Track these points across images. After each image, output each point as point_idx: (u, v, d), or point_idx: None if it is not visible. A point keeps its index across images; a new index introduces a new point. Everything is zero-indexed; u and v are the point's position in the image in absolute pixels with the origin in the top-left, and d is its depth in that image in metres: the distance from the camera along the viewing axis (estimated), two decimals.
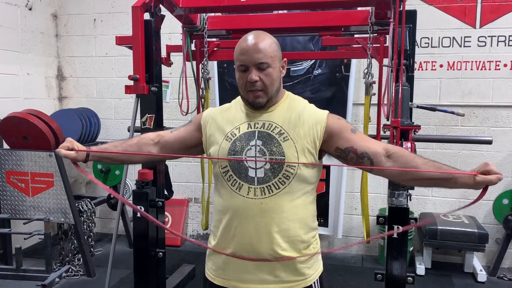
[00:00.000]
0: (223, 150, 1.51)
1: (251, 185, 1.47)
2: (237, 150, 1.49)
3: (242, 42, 1.49)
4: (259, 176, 1.47)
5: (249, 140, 1.50)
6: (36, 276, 3.42)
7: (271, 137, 1.49)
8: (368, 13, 2.71)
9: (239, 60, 1.47)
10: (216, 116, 1.61)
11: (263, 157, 1.47)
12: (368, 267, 3.86)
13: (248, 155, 1.48)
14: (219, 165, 1.52)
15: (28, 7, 4.20)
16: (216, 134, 1.56)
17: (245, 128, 1.53)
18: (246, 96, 1.51)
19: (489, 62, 3.76)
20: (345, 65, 3.81)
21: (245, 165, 1.48)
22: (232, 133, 1.53)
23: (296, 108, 1.55)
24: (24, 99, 4.15)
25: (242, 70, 1.47)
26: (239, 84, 1.51)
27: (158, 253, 2.71)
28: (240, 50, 1.47)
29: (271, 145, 1.48)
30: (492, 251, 3.82)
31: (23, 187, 3.57)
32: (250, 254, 1.47)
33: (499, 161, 3.83)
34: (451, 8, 3.76)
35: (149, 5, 2.53)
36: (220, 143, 1.53)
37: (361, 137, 1.52)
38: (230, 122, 1.56)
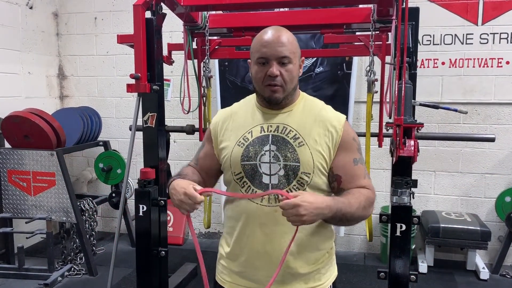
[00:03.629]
0: (236, 156, 1.45)
1: (263, 190, 1.43)
2: (251, 156, 1.44)
3: (264, 34, 1.42)
4: (273, 182, 1.42)
5: (263, 144, 1.44)
6: (38, 275, 3.42)
7: (286, 142, 1.43)
8: (370, 10, 2.70)
9: (259, 52, 1.40)
10: (226, 120, 1.55)
11: (276, 163, 1.42)
12: (370, 265, 3.86)
13: (262, 161, 1.43)
14: (232, 171, 1.47)
15: (29, 5, 4.19)
16: (227, 139, 1.50)
17: (258, 131, 1.46)
18: (262, 91, 1.43)
19: (491, 59, 3.75)
20: (347, 63, 3.79)
21: (259, 171, 1.43)
22: (244, 137, 1.47)
23: (312, 110, 1.49)
24: (25, 98, 4.14)
25: (261, 63, 1.40)
26: (256, 78, 1.43)
27: (160, 252, 2.70)
28: (262, 42, 1.40)
29: (286, 150, 1.42)
30: (495, 249, 3.82)
31: (25, 186, 3.57)
32: (262, 262, 1.44)
33: (501, 159, 3.82)
34: (453, 5, 3.75)
35: (150, 3, 2.52)
36: (232, 149, 1.47)
37: (356, 173, 1.45)
38: (242, 125, 1.49)
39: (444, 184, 3.97)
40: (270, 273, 1.41)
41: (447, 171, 3.94)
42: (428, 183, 3.99)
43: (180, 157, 4.43)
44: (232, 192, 1.50)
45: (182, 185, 1.37)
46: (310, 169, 1.42)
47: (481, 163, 3.87)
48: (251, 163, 1.43)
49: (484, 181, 3.89)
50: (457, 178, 3.94)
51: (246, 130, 1.47)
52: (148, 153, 2.73)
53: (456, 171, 3.92)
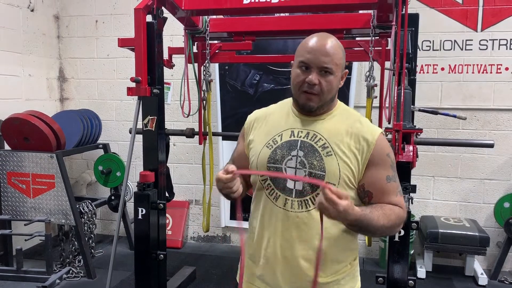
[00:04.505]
0: (263, 157, 1.45)
1: (289, 197, 1.41)
2: (277, 159, 1.43)
3: (310, 39, 1.40)
4: (298, 188, 1.40)
5: (291, 149, 1.42)
6: (36, 278, 3.41)
7: (314, 149, 1.40)
8: (370, 16, 2.71)
9: (303, 57, 1.37)
10: (260, 120, 1.55)
11: (302, 169, 1.40)
12: (369, 270, 3.85)
13: (288, 166, 1.42)
14: None
15: (30, 8, 4.20)
16: (257, 139, 1.50)
17: (288, 136, 1.45)
18: (298, 96, 1.42)
19: (491, 65, 3.76)
20: (347, 68, 3.80)
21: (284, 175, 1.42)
22: (273, 140, 1.46)
23: (347, 121, 1.45)
24: (25, 100, 4.15)
25: (303, 68, 1.38)
26: (294, 82, 1.40)
27: (159, 255, 2.71)
28: (307, 48, 1.38)
29: (313, 158, 1.39)
30: (493, 255, 3.82)
31: (24, 188, 3.57)
32: (281, 268, 1.43)
33: (500, 165, 3.83)
34: (452, 11, 3.77)
35: (151, 7, 2.54)
36: (260, 150, 1.47)
37: (388, 190, 1.41)
38: (274, 127, 1.49)
39: (443, 190, 3.98)
40: (288, 279, 1.42)
41: (446, 177, 3.95)
42: (427, 189, 3.99)
43: (179, 161, 4.44)
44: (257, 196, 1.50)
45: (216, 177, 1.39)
46: (336, 180, 1.38)
47: (480, 168, 3.88)
48: (277, 166, 1.43)
49: (483, 186, 3.89)
50: (456, 183, 3.94)
51: (277, 133, 1.47)
52: (147, 156, 2.74)
53: (455, 176, 3.93)
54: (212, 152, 3.25)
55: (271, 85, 3.96)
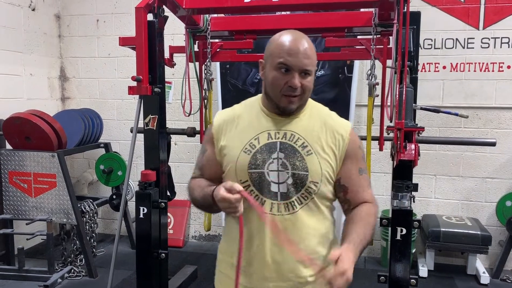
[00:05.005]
0: (242, 163, 1.39)
1: (274, 201, 1.39)
2: (258, 164, 1.39)
3: (288, 40, 1.35)
4: (282, 191, 1.39)
5: (271, 152, 1.39)
6: (38, 277, 3.42)
7: (294, 150, 1.39)
8: (372, 14, 2.70)
9: (282, 58, 1.32)
10: (229, 123, 1.47)
11: (285, 171, 1.38)
12: (371, 269, 3.85)
13: (270, 169, 1.39)
14: (238, 180, 1.39)
15: (31, 7, 4.20)
16: (231, 145, 1.43)
17: (265, 138, 1.41)
18: (278, 99, 1.38)
19: (493, 63, 3.75)
20: (348, 67, 3.80)
21: (267, 179, 1.39)
22: (251, 144, 1.41)
23: (319, 117, 1.46)
24: (27, 100, 4.15)
25: (282, 70, 1.33)
26: (274, 85, 1.36)
27: (161, 254, 2.71)
28: (288, 50, 1.33)
29: (294, 159, 1.38)
30: (495, 253, 3.81)
31: (26, 187, 3.58)
32: (272, 273, 1.40)
33: (502, 163, 3.82)
34: (454, 9, 3.76)
35: (152, 6, 2.53)
36: (237, 156, 1.41)
37: (362, 184, 1.46)
38: (247, 130, 1.43)
39: (444, 188, 3.97)
40: (280, 284, 1.40)
41: (448, 175, 3.94)
42: (429, 187, 3.99)
43: (181, 160, 4.43)
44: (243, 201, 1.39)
45: (216, 193, 1.32)
46: (318, 178, 1.40)
47: (482, 167, 3.87)
48: (259, 171, 1.39)
49: (485, 185, 3.88)
50: (457, 182, 3.93)
51: (253, 136, 1.42)
52: (149, 155, 2.74)
53: (457, 175, 3.92)
54: None
55: None
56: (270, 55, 1.37)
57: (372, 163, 3.44)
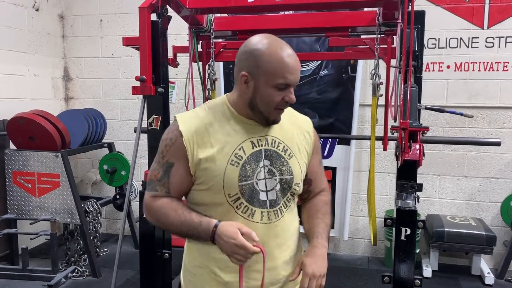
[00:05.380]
0: (231, 176, 1.31)
1: (264, 209, 1.35)
2: (249, 175, 1.33)
3: (289, 58, 1.29)
4: (271, 198, 1.36)
5: (258, 161, 1.35)
6: (42, 277, 3.43)
7: (278, 156, 1.38)
8: (376, 13, 2.69)
9: (283, 78, 1.28)
10: (200, 132, 1.33)
11: (272, 178, 1.36)
12: (375, 269, 3.84)
13: (258, 178, 1.34)
14: (226, 194, 1.32)
15: (35, 8, 4.21)
16: (212, 157, 1.31)
17: (250, 147, 1.35)
18: (269, 113, 1.33)
19: (497, 63, 3.73)
20: (352, 66, 3.79)
21: (256, 188, 1.34)
22: (236, 155, 1.32)
23: (288, 118, 1.45)
24: (30, 100, 4.16)
25: (282, 88, 1.30)
26: (271, 101, 1.30)
27: (164, 254, 2.70)
28: (290, 69, 1.28)
29: (280, 165, 1.37)
30: (500, 254, 3.79)
31: (30, 187, 3.58)
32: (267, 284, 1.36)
33: (506, 163, 3.80)
34: (458, 8, 3.74)
35: (156, 6, 2.53)
36: (223, 169, 1.31)
37: (321, 174, 1.54)
38: (226, 140, 1.33)
39: (449, 188, 3.95)
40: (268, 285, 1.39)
41: (452, 175, 3.92)
42: (433, 187, 3.97)
43: None
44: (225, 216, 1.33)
45: (230, 234, 1.23)
46: (300, 179, 1.43)
47: (487, 167, 3.85)
48: (249, 183, 1.33)
49: (490, 185, 3.87)
50: (462, 182, 3.92)
51: (236, 146, 1.33)
52: (152, 155, 2.71)
53: (461, 175, 3.91)
54: None
55: None
56: (267, 73, 1.28)
57: (376, 163, 3.42)
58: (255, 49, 1.32)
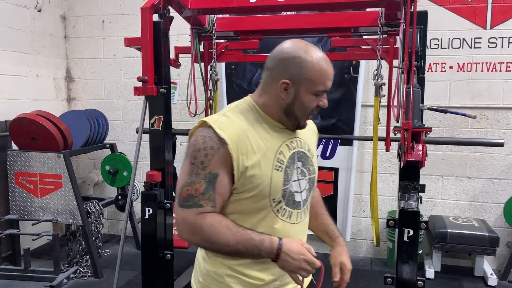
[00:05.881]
0: (277, 182, 1.31)
1: (298, 210, 1.39)
2: (289, 178, 1.35)
3: (326, 65, 1.31)
4: (303, 198, 1.41)
5: (293, 163, 1.37)
6: (44, 277, 3.43)
7: (306, 156, 1.42)
8: (378, 14, 2.69)
9: (323, 85, 1.31)
10: (242, 138, 1.28)
11: (304, 178, 1.41)
12: (377, 270, 3.83)
13: (293, 180, 1.36)
14: (271, 199, 1.31)
15: (37, 8, 4.22)
16: (256, 164, 1.28)
17: (287, 150, 1.36)
18: (303, 119, 1.37)
19: (500, 63, 3.72)
20: (354, 67, 3.78)
21: (291, 190, 1.35)
22: (278, 160, 1.32)
23: None
24: (33, 101, 4.17)
25: (319, 94, 1.33)
26: (309, 108, 1.33)
27: (166, 255, 2.70)
28: (328, 76, 1.32)
29: (308, 164, 1.42)
30: (503, 255, 3.78)
31: (32, 188, 3.59)
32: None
33: (509, 164, 3.79)
34: (461, 9, 3.73)
35: (157, 6, 2.53)
36: (270, 175, 1.29)
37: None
38: (266, 145, 1.31)
39: (451, 189, 3.94)
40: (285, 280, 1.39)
41: (455, 176, 3.91)
42: (436, 188, 3.96)
43: None
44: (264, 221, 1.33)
45: (298, 250, 1.24)
46: (317, 176, 1.50)
47: (489, 168, 3.84)
48: (289, 186, 1.35)
49: (492, 186, 3.85)
50: (464, 183, 3.91)
51: (276, 151, 1.33)
52: (154, 156, 2.73)
53: (464, 176, 3.89)
54: None
55: None
56: (309, 80, 1.29)
57: (379, 164, 3.42)
58: (296, 56, 1.30)
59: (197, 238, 1.26)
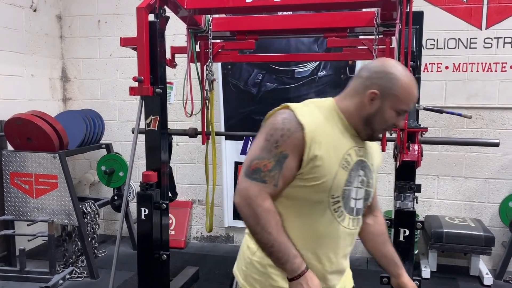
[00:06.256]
0: (340, 179, 1.35)
1: (351, 216, 1.43)
2: (351, 182, 1.39)
3: (415, 89, 1.37)
4: (358, 207, 1.45)
5: (357, 169, 1.41)
6: (39, 278, 3.41)
7: (369, 168, 1.46)
8: (374, 14, 2.69)
9: (407, 106, 1.37)
10: (319, 131, 1.33)
11: (363, 188, 1.44)
12: (373, 270, 3.83)
13: (354, 186, 1.41)
14: (330, 194, 1.35)
15: (32, 8, 4.20)
16: (327, 157, 1.32)
17: (355, 154, 1.40)
18: (378, 131, 1.42)
19: (495, 63, 3.73)
20: (350, 67, 3.79)
21: (350, 195, 1.40)
22: (345, 160, 1.36)
23: None
24: (28, 101, 4.15)
25: (400, 113, 1.38)
26: (387, 122, 1.39)
27: (162, 255, 2.70)
28: (413, 98, 1.38)
29: (369, 177, 1.46)
30: (498, 254, 3.79)
31: (27, 188, 3.57)
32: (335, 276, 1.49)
33: (505, 164, 3.80)
34: (457, 9, 3.74)
35: (153, 6, 2.53)
36: (335, 171, 1.34)
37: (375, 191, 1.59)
38: (338, 144, 1.37)
39: (447, 189, 3.95)
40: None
41: (451, 176, 3.92)
42: (431, 188, 3.97)
43: (182, 160, 4.43)
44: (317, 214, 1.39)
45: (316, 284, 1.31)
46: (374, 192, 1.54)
47: (485, 168, 3.85)
48: (349, 188, 1.39)
49: (488, 186, 3.87)
50: (460, 182, 3.92)
51: (345, 152, 1.37)
52: (150, 156, 2.73)
53: (460, 175, 3.90)
54: (215, 152, 3.24)
55: (274, 85, 3.94)
56: (396, 97, 1.35)
57: None
58: (391, 72, 1.35)
59: (250, 211, 1.30)
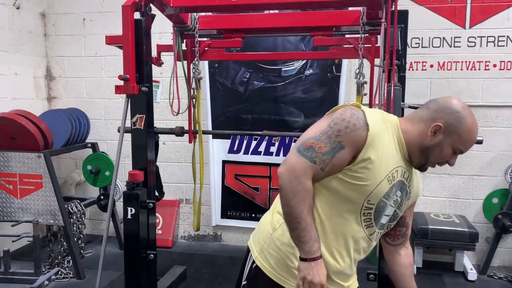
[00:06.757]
0: (382, 189, 1.39)
1: (376, 228, 1.49)
2: (390, 196, 1.43)
3: (476, 133, 1.42)
4: (383, 222, 1.49)
5: (397, 189, 1.45)
6: (24, 279, 3.37)
7: (406, 193, 1.50)
8: (360, 13, 2.71)
9: (465, 148, 1.43)
10: (381, 137, 1.38)
11: (394, 207, 1.48)
12: (360, 267, 3.80)
13: (389, 202, 1.46)
14: (367, 199, 1.40)
15: (15, 6, 4.14)
16: (378, 164, 1.36)
17: (400, 174, 1.44)
18: (430, 164, 1.47)
19: (479, 62, 3.79)
20: (336, 66, 3.81)
21: (384, 207, 1.45)
22: (392, 174, 1.41)
23: None
24: (12, 100, 4.09)
25: (456, 152, 1.44)
26: (441, 157, 1.44)
27: (149, 255, 2.69)
28: (472, 142, 1.43)
29: (403, 201, 1.50)
30: (482, 250, 3.85)
31: (11, 188, 3.52)
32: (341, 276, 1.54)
33: (488, 161, 3.86)
34: (441, 8, 3.78)
35: (139, 4, 2.51)
36: (381, 180, 1.38)
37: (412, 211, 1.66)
38: (390, 157, 1.41)
39: (432, 186, 4.00)
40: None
41: (436, 173, 3.97)
42: None
43: (169, 159, 4.41)
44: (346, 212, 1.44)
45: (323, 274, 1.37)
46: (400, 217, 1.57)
47: (469, 165, 3.91)
48: (386, 202, 1.44)
49: (472, 182, 3.92)
50: (445, 179, 3.97)
51: (394, 167, 1.42)
52: (136, 155, 2.71)
53: (445, 173, 3.95)
54: (202, 151, 3.23)
55: (261, 83, 3.94)
56: (457, 136, 1.39)
57: None
58: (459, 111, 1.40)
59: (291, 185, 1.34)
